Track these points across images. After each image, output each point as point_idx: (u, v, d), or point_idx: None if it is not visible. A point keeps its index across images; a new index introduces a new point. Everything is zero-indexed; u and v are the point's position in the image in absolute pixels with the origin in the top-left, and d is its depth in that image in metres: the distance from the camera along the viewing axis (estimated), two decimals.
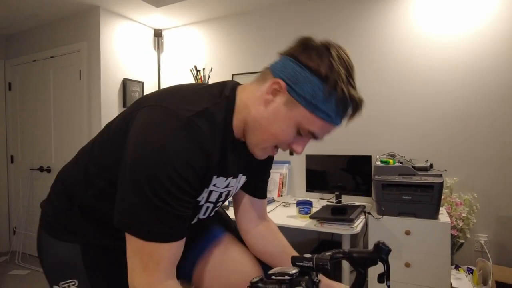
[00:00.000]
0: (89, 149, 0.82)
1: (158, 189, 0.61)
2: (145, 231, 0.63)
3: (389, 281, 0.88)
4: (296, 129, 0.70)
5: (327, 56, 0.66)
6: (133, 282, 0.65)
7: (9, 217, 3.65)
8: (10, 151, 3.65)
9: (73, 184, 0.82)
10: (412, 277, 1.97)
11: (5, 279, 2.93)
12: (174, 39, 3.43)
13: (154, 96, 0.73)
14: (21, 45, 3.49)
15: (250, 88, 0.75)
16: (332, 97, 0.65)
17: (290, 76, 0.67)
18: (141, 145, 0.63)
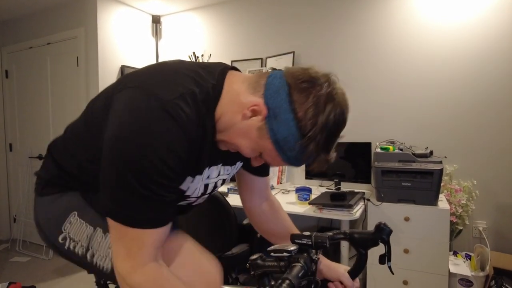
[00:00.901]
0: (75, 126, 0.82)
1: (141, 175, 0.59)
2: (128, 218, 0.62)
3: (390, 262, 0.88)
4: (258, 152, 0.70)
5: (319, 111, 0.62)
6: (117, 267, 0.65)
7: (9, 205, 3.65)
8: (8, 139, 3.63)
9: (62, 156, 0.82)
10: (410, 263, 1.98)
11: (6, 266, 2.95)
12: (172, 26, 3.38)
13: (136, 76, 0.69)
14: (17, 32, 3.44)
15: (238, 85, 0.69)
16: (301, 151, 0.64)
17: (275, 107, 0.63)
18: (120, 129, 0.60)
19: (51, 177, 0.84)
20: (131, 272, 0.63)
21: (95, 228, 0.79)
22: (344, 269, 0.92)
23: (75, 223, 0.80)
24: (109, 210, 0.64)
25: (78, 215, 0.80)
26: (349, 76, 2.55)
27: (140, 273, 0.63)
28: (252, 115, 0.66)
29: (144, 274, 0.63)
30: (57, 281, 2.64)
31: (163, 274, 0.65)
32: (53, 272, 2.81)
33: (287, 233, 0.95)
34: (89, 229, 0.79)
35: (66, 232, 0.80)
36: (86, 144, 0.75)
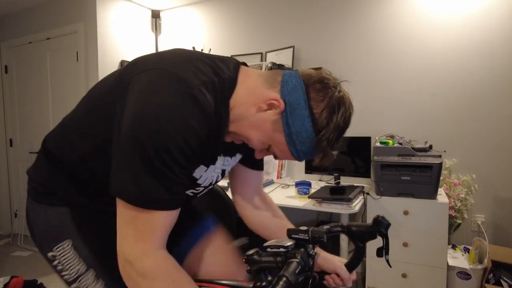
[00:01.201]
0: (74, 116, 0.81)
1: (163, 156, 0.59)
2: (146, 199, 0.62)
3: (388, 255, 0.88)
4: (268, 144, 0.72)
5: (334, 112, 0.67)
6: (124, 250, 0.64)
7: (10, 200, 3.67)
8: (8, 134, 3.64)
9: (59, 150, 0.80)
10: (409, 256, 1.99)
11: (8, 260, 2.98)
12: (172, 20, 3.36)
13: (154, 59, 0.69)
14: (16, 27, 3.43)
15: (254, 80, 0.71)
16: (312, 146, 0.68)
17: (292, 103, 0.66)
18: (146, 110, 0.60)
19: (43, 181, 0.82)
20: (142, 257, 0.62)
21: (88, 268, 0.78)
22: (341, 262, 0.92)
23: (68, 252, 0.79)
24: (125, 192, 0.62)
25: (72, 245, 0.79)
26: (348, 70, 2.54)
27: (153, 257, 0.62)
28: (268, 108, 0.68)
29: (156, 259, 0.63)
30: None
31: (173, 262, 0.65)
32: None
33: (280, 226, 0.96)
34: (82, 267, 0.78)
35: (57, 254, 0.79)
36: (90, 133, 0.74)
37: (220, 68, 0.69)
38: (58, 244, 0.79)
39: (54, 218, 0.80)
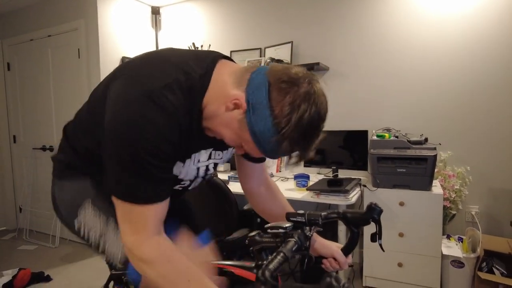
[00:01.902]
0: (81, 113, 0.89)
1: (137, 159, 0.65)
2: (132, 195, 0.68)
3: (381, 240, 0.94)
4: (239, 142, 0.74)
5: (294, 110, 0.65)
6: (125, 241, 0.71)
7: (15, 195, 3.73)
8: (12, 131, 3.69)
9: (75, 139, 0.89)
10: (405, 246, 2.05)
11: (14, 253, 3.04)
12: (171, 16, 3.40)
13: (128, 66, 0.75)
14: (18, 24, 3.46)
15: (226, 77, 0.73)
16: (276, 145, 0.68)
17: (255, 103, 0.67)
18: (115, 117, 0.67)
19: (69, 161, 0.90)
20: (138, 245, 0.69)
21: (108, 217, 0.85)
22: (337, 247, 0.98)
23: (89, 211, 0.86)
24: (114, 190, 0.70)
25: (92, 203, 0.86)
26: (346, 65, 2.59)
27: (147, 245, 0.69)
28: (234, 107, 0.69)
29: (150, 245, 0.69)
30: (64, 267, 2.73)
31: (167, 245, 0.71)
32: (60, 259, 2.90)
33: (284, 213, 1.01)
34: (102, 219, 0.85)
35: (81, 218, 0.86)
36: (90, 130, 0.82)
37: (190, 67, 0.71)
38: (80, 207, 0.86)
39: (76, 186, 0.88)
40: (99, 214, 0.85)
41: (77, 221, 0.87)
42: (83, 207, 0.86)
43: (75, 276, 2.58)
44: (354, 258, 2.59)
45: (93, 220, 0.85)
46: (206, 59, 0.74)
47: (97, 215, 0.85)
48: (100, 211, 0.85)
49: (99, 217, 0.85)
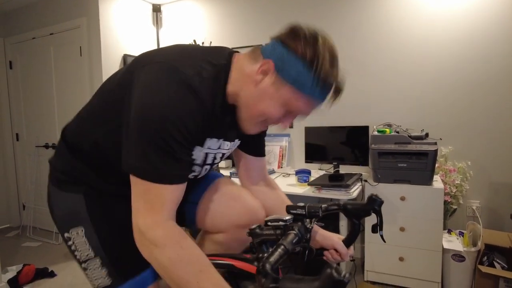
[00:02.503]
0: (89, 107, 0.89)
1: (164, 137, 0.67)
2: (154, 174, 0.69)
3: (382, 231, 0.95)
4: (284, 107, 0.75)
5: (313, 42, 0.70)
6: (138, 222, 0.71)
7: (18, 193, 3.76)
8: (15, 129, 3.71)
9: (76, 138, 0.89)
10: (406, 240, 2.07)
11: (19, 250, 3.07)
12: (172, 14, 3.41)
13: (156, 54, 0.77)
14: (20, 22, 3.48)
15: (243, 62, 0.78)
16: (316, 78, 0.70)
17: (278, 58, 0.72)
18: (147, 99, 0.68)
19: (64, 168, 0.90)
20: (152, 227, 0.69)
21: (96, 255, 0.86)
22: (339, 238, 0.99)
23: (81, 239, 0.86)
24: (134, 168, 0.70)
25: (84, 233, 0.86)
26: (347, 62, 2.59)
27: (162, 227, 0.69)
28: (263, 77, 0.73)
29: (165, 229, 0.70)
30: (68, 264, 2.76)
31: (180, 231, 0.72)
32: (63, 256, 2.93)
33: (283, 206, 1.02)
34: (91, 253, 0.86)
35: (72, 236, 0.87)
36: (104, 120, 0.82)
37: (214, 58, 0.76)
38: (73, 228, 0.87)
39: (72, 205, 0.88)
40: (89, 248, 0.86)
41: (66, 235, 0.88)
42: (76, 230, 0.87)
43: (79, 272, 2.60)
44: (355, 253, 2.60)
45: (82, 246, 0.86)
46: (224, 51, 0.80)
47: (86, 246, 0.86)
48: (90, 247, 0.86)
49: (88, 249, 0.86)
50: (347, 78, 2.58)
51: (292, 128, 2.86)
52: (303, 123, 2.81)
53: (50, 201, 0.93)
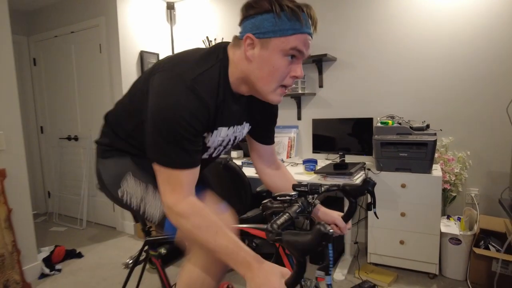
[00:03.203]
0: (122, 102, 1.09)
1: (174, 133, 0.83)
2: (171, 163, 0.86)
3: (375, 209, 1.11)
4: (283, 56, 0.85)
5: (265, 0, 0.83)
6: (165, 200, 0.87)
7: (44, 182, 4.02)
8: (39, 122, 3.95)
9: (115, 125, 1.09)
10: (407, 224, 2.21)
11: (47, 234, 3.33)
12: (185, 11, 3.56)
13: (165, 62, 0.93)
14: (43, 22, 3.68)
15: (232, 52, 0.92)
16: (285, 14, 0.82)
17: (252, 28, 0.85)
18: (157, 103, 0.84)
19: (110, 142, 1.10)
20: (177, 203, 0.86)
21: (147, 185, 1.04)
22: (338, 214, 1.15)
23: (131, 181, 1.06)
24: (156, 159, 0.88)
25: (132, 175, 1.06)
26: (352, 56, 2.72)
27: (184, 203, 0.86)
28: (252, 50, 0.86)
29: (187, 203, 0.86)
30: (93, 246, 2.99)
31: (199, 203, 0.88)
32: (88, 239, 3.17)
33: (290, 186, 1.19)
34: (142, 186, 1.05)
35: (124, 187, 1.06)
36: (131, 115, 1.01)
37: (212, 58, 0.91)
38: (122, 180, 1.06)
39: (118, 163, 1.08)
40: (139, 182, 1.04)
41: (120, 191, 1.07)
42: (125, 178, 1.06)
43: (104, 253, 2.83)
44: (359, 238, 2.76)
45: (134, 188, 1.04)
46: (220, 48, 0.94)
47: (137, 184, 1.04)
48: (140, 180, 1.05)
49: (139, 185, 1.04)
50: (352, 72, 2.72)
51: (301, 120, 3.00)
52: (311, 115, 2.95)
53: (99, 175, 1.12)
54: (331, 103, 2.86)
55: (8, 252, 2.16)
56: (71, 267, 2.60)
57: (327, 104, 2.88)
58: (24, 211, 2.36)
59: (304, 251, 0.66)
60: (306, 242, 0.66)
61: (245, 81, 0.92)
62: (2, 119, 2.23)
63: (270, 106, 1.15)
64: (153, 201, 1.02)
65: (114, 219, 3.42)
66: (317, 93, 2.91)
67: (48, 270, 2.45)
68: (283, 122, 3.10)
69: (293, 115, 3.04)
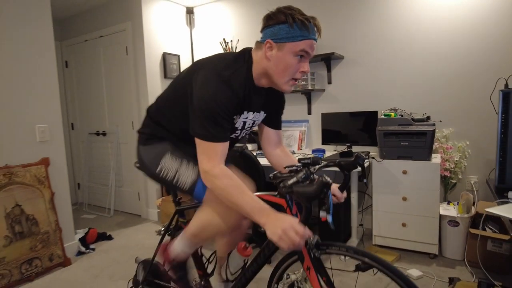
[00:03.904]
0: (165, 95, 1.33)
1: (214, 114, 1.08)
2: (210, 136, 1.11)
3: (366, 179, 1.33)
4: (294, 56, 1.09)
5: (279, 12, 1.09)
6: (203, 166, 1.12)
7: (74, 174, 4.37)
8: (70, 119, 4.30)
9: (157, 114, 1.34)
10: (408, 208, 2.39)
11: (79, 221, 3.65)
12: (204, 15, 3.83)
13: (206, 62, 1.19)
14: (74, 28, 4.03)
15: (255, 54, 1.17)
16: (296, 25, 1.06)
17: (271, 35, 1.09)
18: (202, 93, 1.09)
19: (151, 131, 1.34)
20: (212, 168, 1.10)
21: (182, 160, 1.29)
22: (335, 186, 1.37)
23: (169, 159, 1.30)
24: (198, 134, 1.12)
25: (170, 154, 1.30)
26: (359, 54, 2.92)
27: (218, 168, 1.11)
28: (270, 52, 1.11)
29: (220, 169, 1.11)
30: (120, 231, 3.29)
31: (229, 171, 1.12)
32: (116, 225, 3.47)
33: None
34: (177, 161, 1.29)
35: (162, 164, 1.30)
36: (176, 103, 1.25)
37: (241, 59, 1.18)
38: (161, 158, 1.30)
39: (158, 148, 1.33)
40: (175, 158, 1.29)
41: (158, 168, 1.31)
42: (164, 157, 1.30)
43: (131, 236, 3.12)
44: (366, 224, 2.95)
45: (170, 163, 1.29)
46: (245, 52, 1.21)
47: (174, 160, 1.29)
48: (176, 157, 1.29)
49: (175, 160, 1.29)
50: (359, 68, 2.92)
51: (311, 115, 3.22)
52: (320, 110, 3.16)
53: (140, 157, 1.37)
54: (339, 98, 3.06)
55: (52, 229, 2.46)
56: (103, 247, 2.89)
57: (335, 99, 3.09)
58: (64, 195, 2.67)
59: (310, 198, 0.90)
60: (311, 191, 0.89)
61: (265, 75, 1.18)
62: (47, 114, 2.54)
63: (280, 98, 1.41)
64: (186, 171, 1.27)
65: (139, 207, 3.72)
66: (326, 89, 3.12)
67: (84, 249, 2.76)
68: (294, 117, 3.32)
69: (304, 110, 3.26)
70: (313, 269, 1.17)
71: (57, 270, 2.46)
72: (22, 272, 2.25)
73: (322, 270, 1.16)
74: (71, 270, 2.48)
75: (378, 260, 1.06)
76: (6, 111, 2.31)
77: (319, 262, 1.17)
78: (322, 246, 1.17)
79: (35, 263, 2.33)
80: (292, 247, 0.95)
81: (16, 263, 2.23)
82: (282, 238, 0.95)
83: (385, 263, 1.04)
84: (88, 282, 2.27)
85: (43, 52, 2.51)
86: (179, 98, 1.23)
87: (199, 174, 1.18)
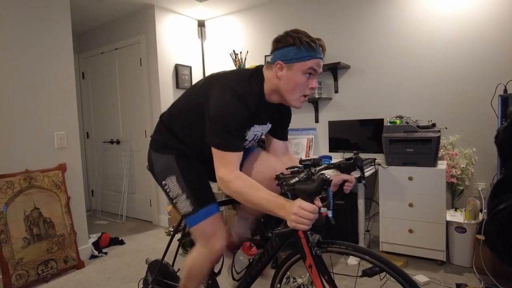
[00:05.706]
0: (178, 103, 1.42)
1: (228, 126, 1.17)
2: (225, 147, 1.19)
3: (364, 181, 1.39)
4: (303, 75, 1.19)
5: (287, 35, 1.19)
6: (219, 174, 1.20)
7: (88, 181, 4.50)
8: (86, 128, 4.47)
9: (170, 123, 1.42)
10: (415, 214, 2.41)
11: (92, 226, 3.75)
12: (214, 28, 3.97)
13: (223, 78, 1.29)
14: (91, 41, 4.22)
15: (266, 71, 1.27)
16: (303, 46, 1.16)
17: (281, 57, 1.19)
18: (219, 107, 1.18)
19: (163, 140, 1.42)
20: (227, 175, 1.18)
21: (182, 193, 1.35)
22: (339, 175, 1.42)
23: (173, 183, 1.37)
24: (215, 144, 1.21)
25: (175, 179, 1.37)
26: (365, 63, 2.98)
27: (232, 174, 1.18)
28: (280, 72, 1.20)
29: (234, 174, 1.19)
30: (132, 236, 3.37)
31: (244, 176, 1.20)
32: (128, 231, 3.56)
33: None
34: (179, 191, 1.35)
35: (167, 182, 1.38)
36: (188, 111, 1.34)
37: (253, 77, 1.27)
38: (168, 177, 1.38)
39: (167, 162, 1.40)
40: (178, 187, 1.36)
41: (164, 181, 1.38)
42: (170, 178, 1.37)
43: (142, 241, 3.20)
44: (373, 231, 2.96)
45: (174, 188, 1.37)
46: (258, 70, 1.31)
47: (176, 187, 1.36)
48: (179, 188, 1.35)
49: (177, 188, 1.36)
50: (365, 77, 2.98)
51: (318, 123, 3.28)
52: (327, 118, 3.22)
53: (151, 163, 1.45)
54: (345, 107, 3.12)
55: (67, 233, 2.56)
56: (115, 251, 2.98)
57: (342, 108, 3.14)
58: (79, 200, 2.78)
59: (312, 194, 0.96)
60: (312, 188, 0.95)
61: (276, 92, 1.28)
62: (65, 122, 2.67)
63: (287, 112, 1.50)
64: (183, 202, 1.34)
65: (150, 214, 3.81)
66: (333, 98, 3.19)
67: (97, 252, 2.85)
68: (302, 125, 3.39)
69: (311, 118, 3.33)
70: (315, 267, 1.22)
71: (72, 272, 2.55)
72: (38, 273, 2.35)
73: (324, 268, 1.21)
74: (85, 272, 2.56)
75: (378, 258, 1.11)
76: (28, 118, 2.45)
77: (321, 260, 1.22)
78: (324, 244, 1.22)
79: (51, 265, 2.43)
80: (309, 223, 1.02)
81: (33, 264, 2.33)
82: (297, 221, 1.02)
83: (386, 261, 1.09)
84: (101, 284, 2.35)
85: (63, 64, 2.66)
86: (193, 107, 1.32)
87: (194, 210, 1.31)
